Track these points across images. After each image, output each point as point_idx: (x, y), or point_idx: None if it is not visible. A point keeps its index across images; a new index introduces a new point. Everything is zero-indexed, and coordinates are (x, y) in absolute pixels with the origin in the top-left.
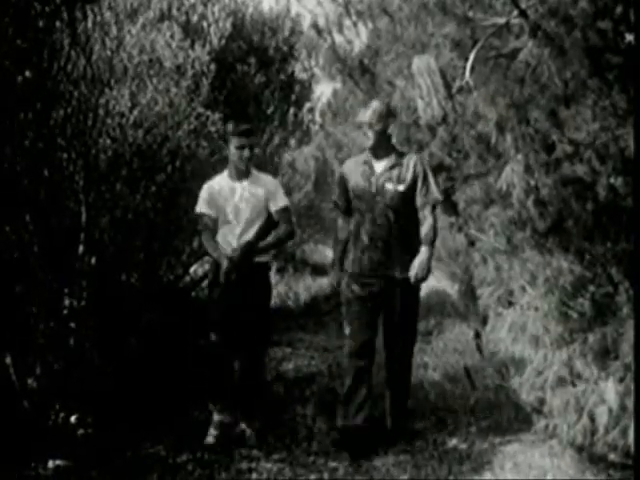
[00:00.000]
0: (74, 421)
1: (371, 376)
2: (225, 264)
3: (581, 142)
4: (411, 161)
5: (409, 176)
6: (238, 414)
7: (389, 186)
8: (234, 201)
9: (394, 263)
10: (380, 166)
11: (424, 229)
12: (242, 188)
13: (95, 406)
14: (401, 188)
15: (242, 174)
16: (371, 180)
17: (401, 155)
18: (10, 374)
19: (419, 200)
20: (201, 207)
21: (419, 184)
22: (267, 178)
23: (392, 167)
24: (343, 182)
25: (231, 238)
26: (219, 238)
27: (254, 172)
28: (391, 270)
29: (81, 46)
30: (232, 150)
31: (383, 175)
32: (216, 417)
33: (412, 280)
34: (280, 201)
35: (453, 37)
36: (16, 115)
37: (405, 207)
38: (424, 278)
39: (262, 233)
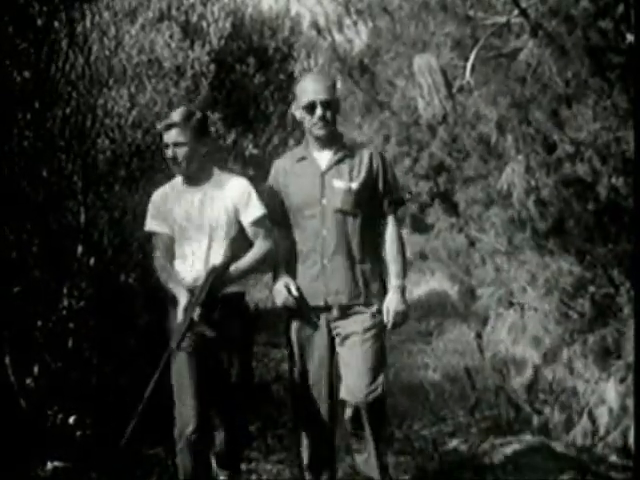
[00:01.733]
0: (72, 422)
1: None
2: (184, 300)
3: (582, 142)
4: (365, 153)
5: (364, 170)
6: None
7: (339, 184)
8: (193, 212)
9: (357, 288)
10: (324, 159)
11: (387, 245)
12: (203, 194)
13: (94, 407)
14: (355, 186)
15: (198, 178)
16: (314, 179)
17: (350, 146)
18: (9, 375)
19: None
20: (150, 224)
21: (380, 183)
22: (234, 180)
23: (341, 160)
24: (274, 192)
25: (192, 262)
26: (177, 263)
27: (216, 172)
28: (353, 298)
29: (79, 46)
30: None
31: (330, 171)
32: None
33: (388, 326)
34: (253, 210)
35: (454, 36)
36: (15, 115)
37: (362, 212)
38: (403, 323)
39: (233, 254)
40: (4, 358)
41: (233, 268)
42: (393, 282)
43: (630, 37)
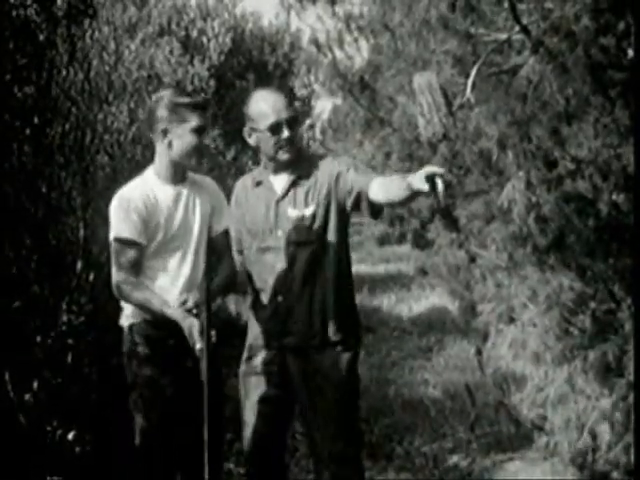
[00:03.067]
0: (72, 438)
1: None
2: (194, 324)
3: (583, 159)
4: (324, 166)
5: (323, 188)
6: None
7: (293, 212)
8: (180, 214)
9: (312, 329)
10: (280, 184)
11: (374, 188)
12: (186, 196)
13: (93, 423)
14: (309, 212)
15: (183, 175)
16: (269, 208)
17: (308, 163)
18: (8, 390)
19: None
20: (127, 230)
21: (345, 185)
22: (207, 181)
23: (296, 182)
24: (231, 214)
25: (174, 279)
26: (156, 280)
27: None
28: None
29: (79, 62)
30: (179, 135)
31: (285, 197)
32: None
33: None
34: (225, 219)
35: (454, 53)
36: (14, 131)
37: (321, 240)
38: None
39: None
40: (3, 374)
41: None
42: (408, 179)
43: (631, 53)
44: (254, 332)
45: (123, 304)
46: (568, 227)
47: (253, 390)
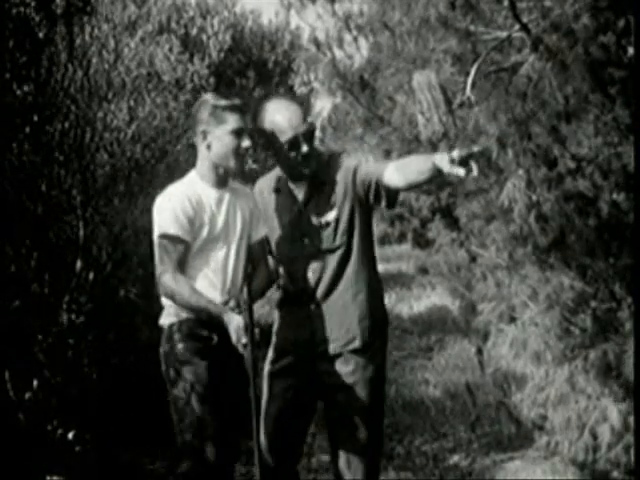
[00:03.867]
0: (72, 437)
1: None
2: (238, 321)
3: (583, 157)
4: (340, 167)
5: (342, 193)
6: None
7: (315, 220)
8: (222, 216)
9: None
10: (301, 190)
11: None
12: (228, 201)
13: (93, 422)
14: (332, 217)
15: (225, 179)
16: (292, 216)
17: (326, 164)
18: (8, 389)
19: (371, 171)
20: (173, 227)
21: (363, 185)
22: (246, 190)
23: (314, 188)
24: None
25: (214, 279)
26: (197, 280)
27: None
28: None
29: (79, 59)
30: (218, 137)
31: (308, 205)
32: None
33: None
34: (262, 228)
35: (454, 52)
36: (14, 129)
37: (349, 243)
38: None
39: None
40: (3, 373)
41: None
42: (434, 159)
43: (631, 51)
44: (282, 335)
45: (165, 302)
46: (568, 226)
47: (279, 392)
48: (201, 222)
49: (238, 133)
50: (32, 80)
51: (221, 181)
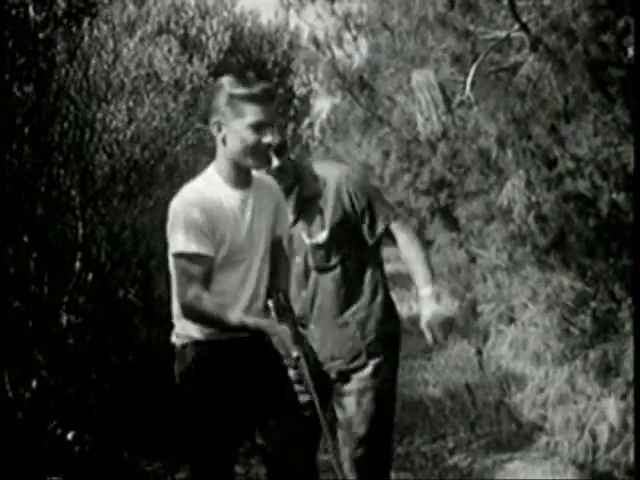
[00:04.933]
0: (71, 438)
1: None
2: (288, 332)
3: (582, 157)
4: (328, 182)
5: (331, 211)
6: None
7: (306, 239)
8: (247, 222)
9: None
10: (289, 206)
11: (402, 253)
12: (252, 203)
13: (92, 423)
14: (322, 238)
15: (248, 177)
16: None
17: (312, 178)
18: (7, 390)
19: (367, 232)
20: (194, 244)
21: (361, 216)
22: (269, 181)
23: (302, 206)
24: None
25: (238, 292)
26: (218, 294)
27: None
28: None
29: (78, 60)
30: (235, 131)
31: (297, 223)
32: None
33: (430, 343)
34: (285, 224)
35: (453, 51)
36: (14, 130)
37: (346, 267)
38: (448, 332)
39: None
40: (3, 373)
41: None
42: (421, 292)
43: (631, 51)
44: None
45: (177, 321)
46: (568, 226)
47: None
48: (223, 232)
49: (257, 127)
50: (32, 81)
51: (243, 180)
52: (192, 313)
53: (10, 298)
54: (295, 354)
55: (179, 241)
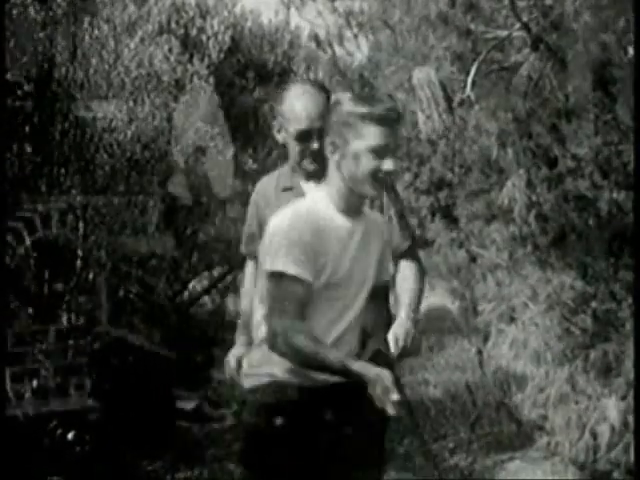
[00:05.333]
0: (71, 438)
1: None
2: (385, 374)
3: (583, 157)
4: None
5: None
6: None
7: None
8: (350, 254)
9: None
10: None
11: (398, 283)
12: (361, 236)
13: (92, 424)
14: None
15: (360, 206)
16: None
17: None
18: (7, 390)
19: None
20: (295, 266)
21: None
22: (380, 219)
23: None
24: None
25: (327, 330)
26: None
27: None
28: None
29: (78, 60)
30: (352, 154)
31: None
32: None
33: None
34: (390, 268)
35: (454, 50)
36: (15, 129)
37: None
38: (411, 353)
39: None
40: (3, 373)
41: None
42: (402, 314)
43: (631, 50)
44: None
45: (256, 352)
46: (568, 226)
47: None
48: (325, 260)
49: (378, 152)
50: (33, 80)
51: (354, 209)
52: (286, 345)
53: (9, 297)
54: (395, 397)
55: (278, 260)
